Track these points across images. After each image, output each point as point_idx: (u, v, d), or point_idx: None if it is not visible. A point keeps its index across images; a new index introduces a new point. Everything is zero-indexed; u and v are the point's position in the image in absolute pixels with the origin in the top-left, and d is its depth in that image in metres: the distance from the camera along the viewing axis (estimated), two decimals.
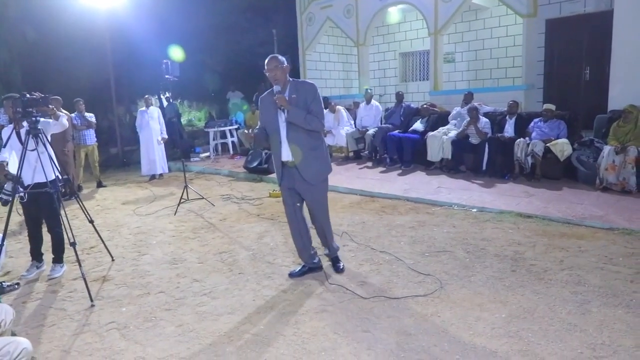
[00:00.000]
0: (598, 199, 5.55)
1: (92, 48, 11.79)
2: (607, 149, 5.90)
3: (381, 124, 9.21)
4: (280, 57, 3.55)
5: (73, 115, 8.00)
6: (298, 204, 3.76)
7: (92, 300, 3.56)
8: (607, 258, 3.88)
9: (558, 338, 2.72)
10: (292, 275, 3.84)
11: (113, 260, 4.52)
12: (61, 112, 6.84)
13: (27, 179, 3.96)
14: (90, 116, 8.29)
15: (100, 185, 8.61)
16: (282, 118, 3.55)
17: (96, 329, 3.16)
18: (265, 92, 3.71)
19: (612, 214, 4.95)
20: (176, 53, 12.86)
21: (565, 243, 4.28)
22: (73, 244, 3.71)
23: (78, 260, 3.67)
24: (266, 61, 3.52)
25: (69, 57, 12.21)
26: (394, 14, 12.03)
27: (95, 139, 8.45)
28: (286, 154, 3.60)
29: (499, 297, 3.28)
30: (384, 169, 8.16)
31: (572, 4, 8.70)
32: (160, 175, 9.25)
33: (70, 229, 3.78)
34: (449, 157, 7.49)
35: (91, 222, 4.35)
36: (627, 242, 4.24)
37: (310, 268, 3.87)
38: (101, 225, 5.76)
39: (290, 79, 3.63)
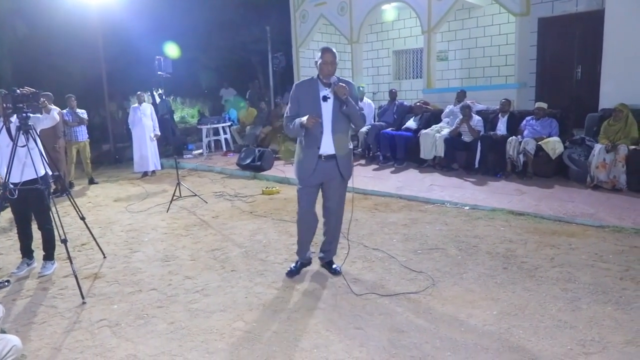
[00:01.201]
0: (589, 197, 5.60)
1: (84, 43, 11.68)
2: (597, 147, 5.95)
3: (374, 121, 9.22)
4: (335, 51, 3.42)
5: (64, 111, 7.93)
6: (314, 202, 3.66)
7: (83, 298, 3.53)
8: (598, 255, 3.92)
9: (548, 335, 2.74)
10: (292, 273, 3.77)
11: (105, 257, 4.50)
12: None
13: (17, 176, 3.92)
14: (82, 112, 8.22)
15: (92, 182, 8.55)
16: (327, 109, 3.42)
17: (87, 327, 3.14)
18: (302, 81, 3.60)
19: (603, 211, 5.00)
20: (171, 50, 12.80)
21: (556, 240, 4.32)
22: (64, 241, 3.68)
23: (69, 257, 3.65)
24: (322, 51, 3.37)
25: (60, 53, 12.10)
26: (388, 11, 12.04)
27: (87, 136, 8.38)
28: (327, 147, 3.45)
29: (491, 294, 3.30)
30: (377, 166, 8.18)
31: (563, 3, 8.74)
32: (153, 172, 9.20)
33: (61, 225, 3.75)
34: (442, 154, 7.52)
35: (82, 218, 4.32)
36: (617, 239, 4.28)
37: (302, 263, 3.86)
38: (93, 222, 5.71)
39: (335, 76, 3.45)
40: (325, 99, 3.40)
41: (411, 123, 8.44)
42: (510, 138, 6.77)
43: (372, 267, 3.91)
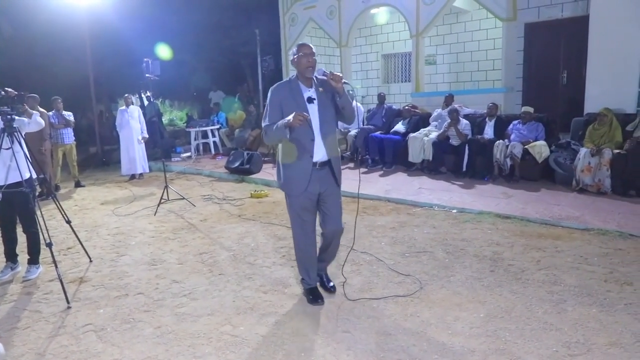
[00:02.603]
0: (574, 200, 5.67)
1: (71, 45, 11.58)
2: (583, 151, 6.03)
3: (363, 125, 9.24)
4: None
5: (50, 113, 7.85)
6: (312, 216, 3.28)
7: (68, 302, 3.49)
8: (583, 258, 3.96)
9: (534, 337, 2.77)
10: (317, 298, 3.32)
11: (91, 261, 4.44)
12: (38, 110, 6.72)
13: (1, 178, 3.86)
14: (69, 115, 8.14)
15: (78, 185, 8.46)
16: (314, 111, 3.06)
17: (72, 331, 3.10)
18: (279, 83, 3.18)
19: (588, 214, 5.06)
20: (163, 51, 12.74)
21: (543, 243, 4.36)
22: (49, 245, 3.63)
23: (54, 261, 3.60)
24: (299, 46, 3.06)
25: (46, 54, 11.99)
26: (378, 15, 12.10)
27: (74, 138, 8.30)
28: (321, 153, 3.10)
29: (478, 297, 3.32)
30: (366, 169, 8.20)
31: (549, 8, 8.86)
32: (141, 175, 9.13)
33: (46, 229, 3.70)
34: (430, 158, 7.57)
35: (68, 222, 4.27)
36: (601, 242, 4.33)
37: (315, 287, 3.43)
38: (79, 226, 5.66)
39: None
40: (310, 100, 3.06)
41: (400, 127, 8.49)
42: (498, 142, 6.83)
43: (360, 270, 3.92)
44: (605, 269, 3.71)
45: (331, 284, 3.52)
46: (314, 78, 3.11)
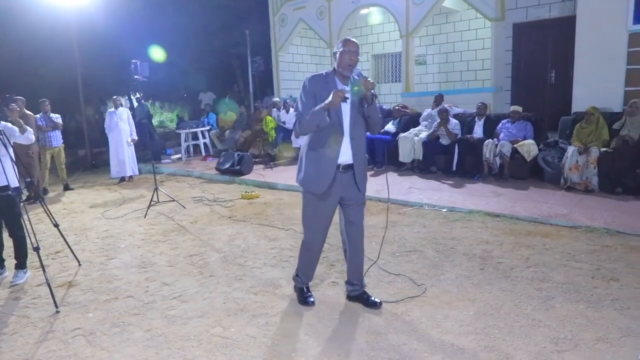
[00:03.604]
0: (562, 198, 5.72)
1: (58, 46, 11.48)
2: (570, 149, 6.09)
3: None
4: None
5: (38, 116, 7.78)
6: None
7: (57, 307, 3.45)
8: (570, 255, 4.00)
9: (523, 334, 2.79)
10: (308, 300, 3.29)
11: (80, 264, 4.41)
12: (24, 112, 6.66)
13: None
14: (57, 117, 8.07)
15: (67, 188, 8.39)
16: (346, 110, 2.95)
17: (61, 336, 3.07)
18: (315, 74, 3.04)
19: (576, 212, 5.11)
20: (156, 53, 12.68)
21: (531, 241, 4.40)
22: (36, 249, 3.60)
23: (42, 266, 3.57)
24: (345, 41, 2.94)
25: (33, 55, 11.88)
26: (368, 16, 12.14)
27: (62, 141, 8.23)
28: (346, 155, 2.99)
29: (467, 295, 3.34)
30: None
31: (537, 9, 8.94)
32: (130, 177, 9.07)
33: (34, 233, 3.67)
34: (420, 158, 7.60)
35: (56, 225, 4.23)
36: (589, 239, 4.38)
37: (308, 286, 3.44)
38: (68, 229, 5.61)
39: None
40: (344, 98, 2.90)
41: (390, 126, 8.52)
42: (487, 141, 6.88)
43: None
44: (593, 266, 3.75)
45: (376, 299, 3.26)
46: (351, 77, 2.98)
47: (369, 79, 2.86)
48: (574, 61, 7.17)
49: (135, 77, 6.78)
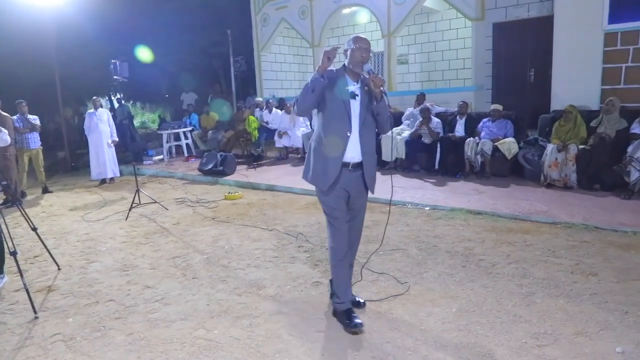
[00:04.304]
0: (542, 195, 5.81)
1: (35, 46, 11.26)
2: (550, 147, 6.19)
3: None
4: None
5: (15, 117, 7.62)
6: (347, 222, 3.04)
7: (35, 312, 3.38)
8: (550, 251, 4.07)
9: (504, 330, 2.83)
10: (362, 324, 2.89)
11: (59, 269, 4.32)
12: (1, 113, 6.51)
13: None
14: (34, 118, 7.91)
15: (45, 190, 8.22)
16: (355, 107, 2.89)
17: (40, 342, 3.01)
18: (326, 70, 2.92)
19: (555, 209, 5.20)
20: (137, 53, 12.52)
21: (512, 238, 4.46)
22: (13, 253, 3.52)
23: (19, 270, 3.49)
24: (356, 39, 2.90)
25: (9, 56, 11.62)
26: (350, 15, 12.16)
27: (40, 143, 8.07)
28: (354, 153, 2.92)
29: (450, 293, 3.37)
30: None
31: (516, 8, 9.08)
32: (111, 179, 8.94)
33: (10, 237, 3.59)
34: (403, 156, 7.64)
35: (34, 229, 4.15)
36: (568, 235, 4.46)
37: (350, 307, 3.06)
38: (47, 233, 5.51)
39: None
40: (353, 95, 2.89)
41: None
42: (468, 139, 6.95)
43: None
44: (572, 261, 3.81)
45: (360, 299, 3.23)
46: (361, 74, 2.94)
47: (379, 76, 2.82)
48: (553, 60, 7.29)
49: (115, 77, 6.66)
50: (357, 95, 2.90)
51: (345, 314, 2.96)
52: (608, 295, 3.19)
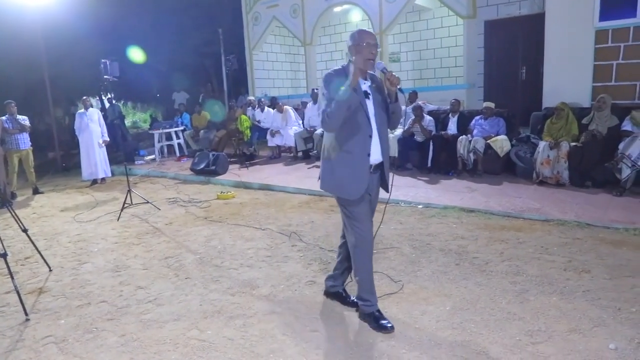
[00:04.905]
0: (535, 192, 5.84)
1: (24, 46, 11.12)
2: (542, 144, 6.22)
3: None
4: None
5: (4, 118, 7.54)
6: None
7: (26, 314, 3.35)
8: (543, 248, 4.08)
9: (498, 327, 2.83)
10: (392, 327, 2.84)
11: (50, 270, 4.28)
12: None
13: None
14: (24, 119, 7.83)
15: (36, 191, 8.14)
16: (370, 107, 2.77)
17: (31, 344, 2.98)
18: (336, 69, 2.82)
19: (548, 206, 5.22)
20: (128, 53, 12.42)
21: (505, 235, 4.47)
22: (3, 255, 3.47)
23: (10, 272, 3.45)
24: (360, 32, 2.75)
25: None
26: (342, 14, 12.14)
27: (30, 143, 7.99)
28: (377, 153, 2.81)
29: (444, 291, 3.37)
30: None
31: (508, 6, 9.11)
32: (103, 179, 8.87)
33: (0, 239, 3.55)
34: (396, 155, 7.64)
35: (24, 231, 4.10)
36: (561, 232, 4.48)
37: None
38: (37, 234, 5.45)
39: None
40: (366, 94, 2.76)
41: None
42: (461, 137, 6.97)
43: (327, 268, 3.90)
44: (565, 258, 3.83)
45: (353, 298, 3.18)
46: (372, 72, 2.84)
47: (394, 74, 2.69)
48: (544, 58, 7.32)
49: (105, 77, 6.60)
50: (370, 94, 2.78)
51: (379, 316, 2.91)
52: (601, 292, 3.20)
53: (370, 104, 2.78)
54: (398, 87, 2.69)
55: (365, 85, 2.79)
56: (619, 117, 6.03)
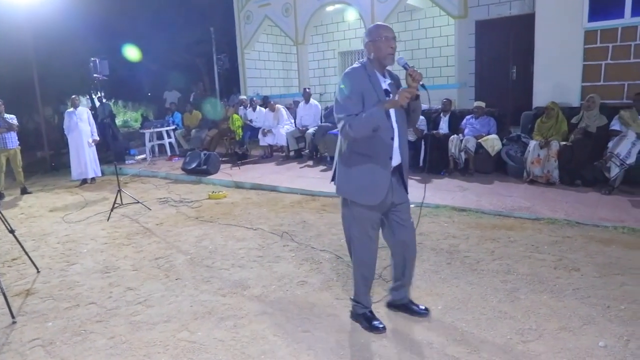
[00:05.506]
0: (525, 191, 5.87)
1: (12, 43, 10.96)
2: (532, 143, 6.25)
3: (321, 122, 9.25)
4: None
5: None
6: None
7: (13, 317, 3.29)
8: (534, 247, 4.10)
9: (489, 326, 2.84)
10: (384, 328, 2.83)
11: (38, 271, 4.22)
12: None
13: None
14: (11, 118, 7.73)
15: (24, 191, 8.04)
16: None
17: (18, 348, 2.93)
18: (354, 68, 2.68)
19: (538, 204, 5.25)
20: (119, 51, 12.32)
21: (496, 234, 4.49)
22: None
23: None
24: (379, 28, 2.66)
25: None
26: (334, 13, 12.13)
27: (18, 142, 7.88)
28: (397, 156, 2.70)
29: (435, 290, 3.38)
30: (325, 167, 8.20)
31: (498, 6, 9.15)
32: (93, 179, 8.78)
33: None
34: None
35: (12, 232, 4.04)
36: (551, 230, 4.50)
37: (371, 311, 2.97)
38: (25, 235, 5.38)
39: None
40: (387, 92, 2.63)
41: None
42: (452, 136, 6.98)
43: (320, 268, 3.90)
44: (555, 257, 3.85)
45: (422, 307, 3.03)
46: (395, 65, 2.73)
47: (416, 70, 2.58)
48: (534, 58, 7.36)
49: (95, 75, 6.52)
50: (390, 92, 2.66)
51: (370, 317, 2.89)
52: (590, 290, 3.22)
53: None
54: (420, 83, 2.58)
55: (385, 84, 2.69)
56: (607, 116, 6.07)
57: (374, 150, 2.62)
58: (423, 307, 3.01)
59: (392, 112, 2.63)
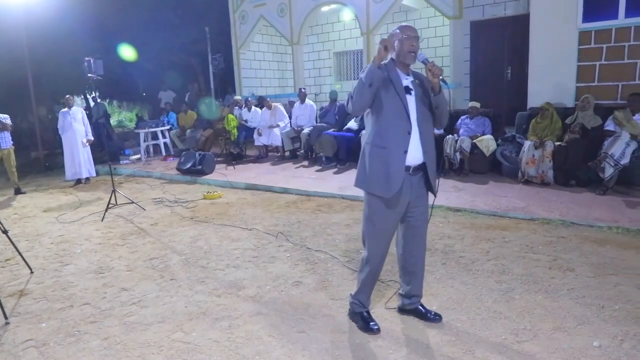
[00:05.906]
0: (520, 192, 5.89)
1: (6, 43, 10.90)
2: (527, 144, 6.27)
3: (316, 122, 9.25)
4: None
5: None
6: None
7: (6, 318, 3.27)
8: (529, 247, 4.11)
9: (484, 326, 2.84)
10: (379, 329, 2.83)
11: (32, 272, 4.19)
12: None
13: None
14: (5, 117, 7.68)
15: (18, 192, 7.99)
16: (412, 103, 2.65)
17: (11, 349, 2.91)
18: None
19: (533, 205, 5.27)
20: (120, 51, 12.28)
21: (491, 234, 4.50)
22: None
23: None
24: (402, 28, 2.71)
25: None
26: (329, 13, 12.13)
27: (12, 142, 7.83)
28: (417, 152, 2.67)
29: (430, 290, 3.38)
30: (320, 167, 8.20)
31: (493, 7, 9.17)
32: (87, 179, 8.74)
33: None
34: None
35: (5, 232, 4.01)
36: (546, 231, 4.52)
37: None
38: (19, 235, 5.35)
39: None
40: (408, 90, 2.66)
41: (352, 124, 8.54)
42: (447, 137, 6.99)
43: (314, 269, 3.90)
44: (550, 257, 3.86)
45: (433, 313, 2.98)
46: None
47: (436, 64, 2.61)
48: (529, 58, 7.38)
49: (89, 75, 6.49)
50: (412, 90, 2.68)
51: (367, 317, 2.91)
52: (585, 290, 3.23)
53: (411, 100, 2.66)
54: (440, 77, 2.61)
55: (407, 81, 2.71)
56: (602, 117, 6.10)
57: (389, 142, 2.64)
58: (434, 313, 2.97)
59: (412, 107, 2.66)
